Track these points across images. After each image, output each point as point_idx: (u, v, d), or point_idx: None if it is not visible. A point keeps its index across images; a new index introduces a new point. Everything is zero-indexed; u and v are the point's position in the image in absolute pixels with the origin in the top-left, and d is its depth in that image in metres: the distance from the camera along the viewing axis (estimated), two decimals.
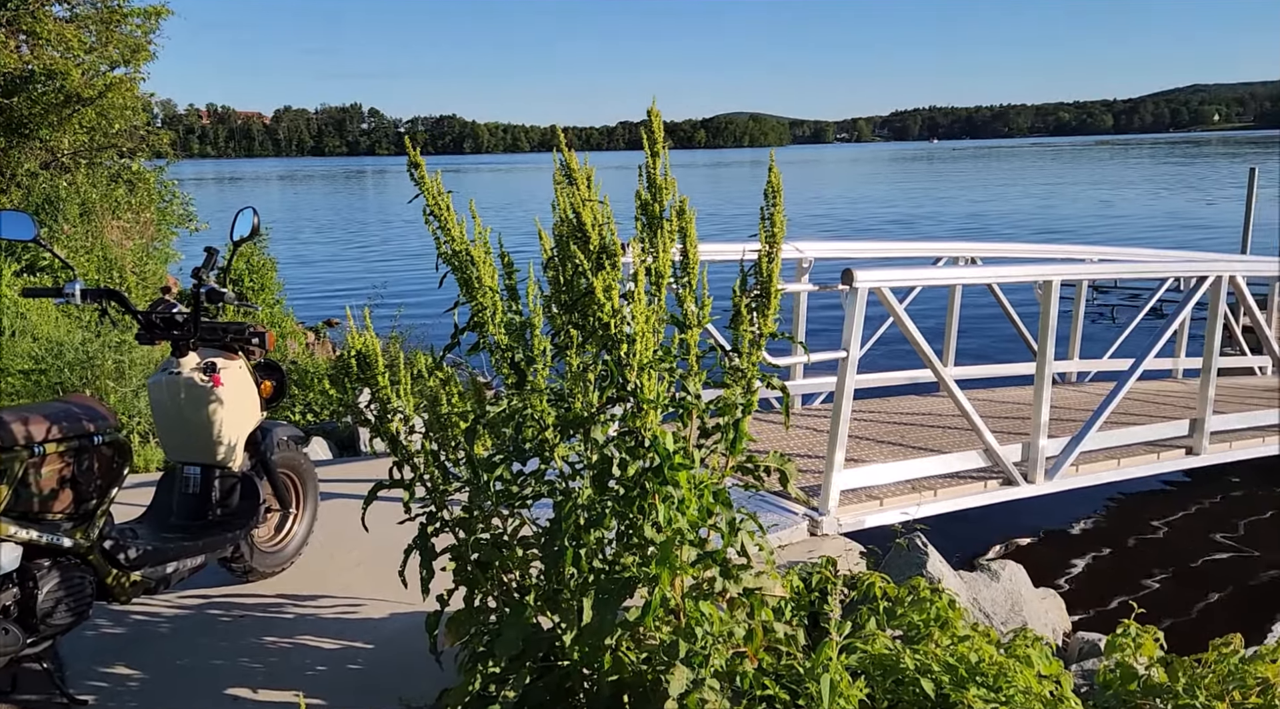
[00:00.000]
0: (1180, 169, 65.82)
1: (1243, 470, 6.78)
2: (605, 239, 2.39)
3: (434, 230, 2.54)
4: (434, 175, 2.51)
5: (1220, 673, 2.89)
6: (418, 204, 2.52)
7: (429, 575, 2.49)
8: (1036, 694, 2.54)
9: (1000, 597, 4.08)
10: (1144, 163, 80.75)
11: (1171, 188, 45.23)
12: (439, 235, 2.54)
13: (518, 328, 2.51)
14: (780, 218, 2.55)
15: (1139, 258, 8.25)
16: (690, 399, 2.44)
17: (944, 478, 5.06)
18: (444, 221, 2.53)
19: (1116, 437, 5.65)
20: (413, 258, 23.65)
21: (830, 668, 2.37)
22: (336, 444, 6.35)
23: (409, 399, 2.58)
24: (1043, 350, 5.16)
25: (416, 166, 2.50)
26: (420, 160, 2.51)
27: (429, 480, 2.59)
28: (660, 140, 2.41)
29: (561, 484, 2.42)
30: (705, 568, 2.33)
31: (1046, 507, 5.84)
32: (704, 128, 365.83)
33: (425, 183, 2.49)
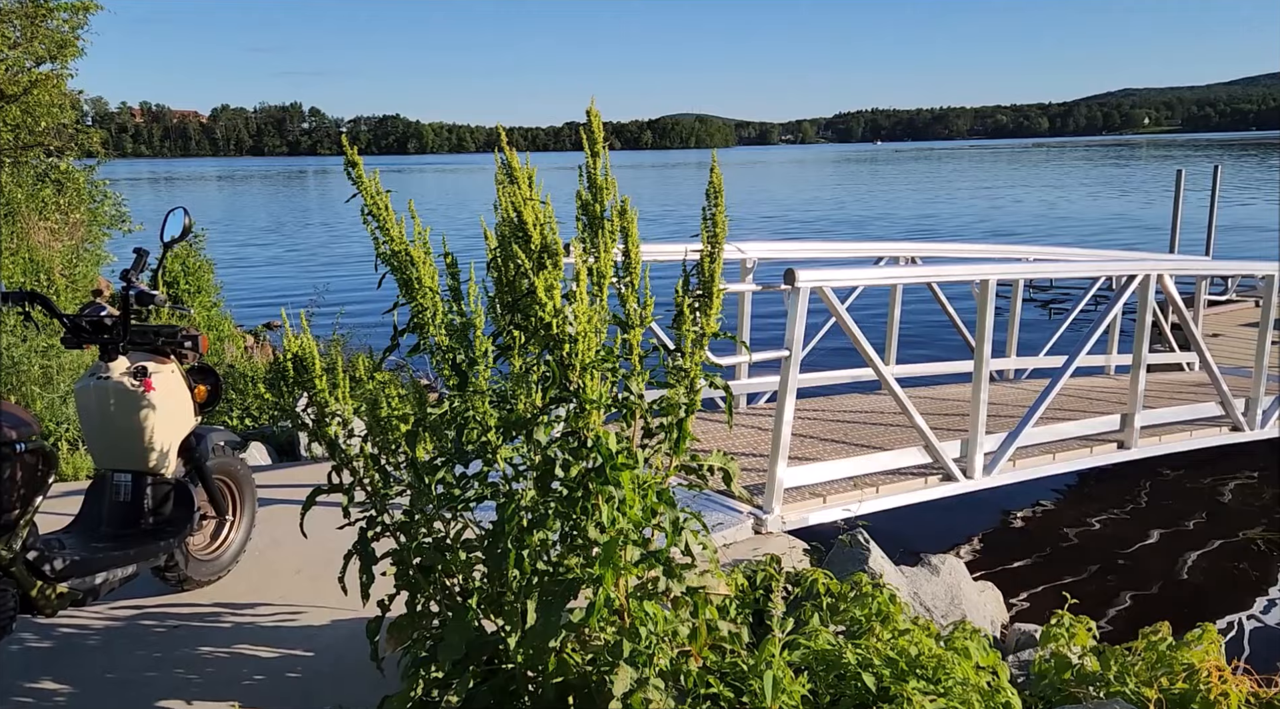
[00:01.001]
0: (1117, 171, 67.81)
1: (1172, 463, 7.01)
2: (547, 238, 2.37)
3: (372, 230, 2.50)
4: (372, 174, 2.47)
5: (1149, 660, 2.98)
6: (360, 206, 2.48)
7: (369, 581, 2.45)
8: (974, 685, 2.59)
9: (940, 590, 4.15)
10: (1082, 165, 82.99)
11: (1113, 189, 46.56)
12: (377, 235, 2.50)
13: (459, 329, 2.49)
14: (722, 218, 2.56)
15: (1072, 257, 8.47)
16: (634, 399, 2.44)
17: (886, 475, 5.14)
18: (382, 221, 2.49)
19: (1051, 432, 5.80)
20: (356, 260, 23.33)
21: (774, 664, 2.38)
22: (276, 449, 6.23)
23: (348, 402, 2.54)
24: (980, 348, 5.26)
25: (354, 165, 2.46)
26: (358, 159, 2.47)
27: (369, 484, 2.55)
28: (600, 140, 2.40)
29: (504, 486, 2.40)
30: (649, 568, 2.33)
31: (985, 501, 5.96)
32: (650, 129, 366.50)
33: (363, 182, 2.46)
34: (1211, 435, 6.39)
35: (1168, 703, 2.80)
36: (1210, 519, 6.58)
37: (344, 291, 15.50)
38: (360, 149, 2.51)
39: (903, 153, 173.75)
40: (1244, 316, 10.93)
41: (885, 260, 7.21)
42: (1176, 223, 12.22)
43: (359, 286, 17.29)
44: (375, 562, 2.47)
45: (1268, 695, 2.83)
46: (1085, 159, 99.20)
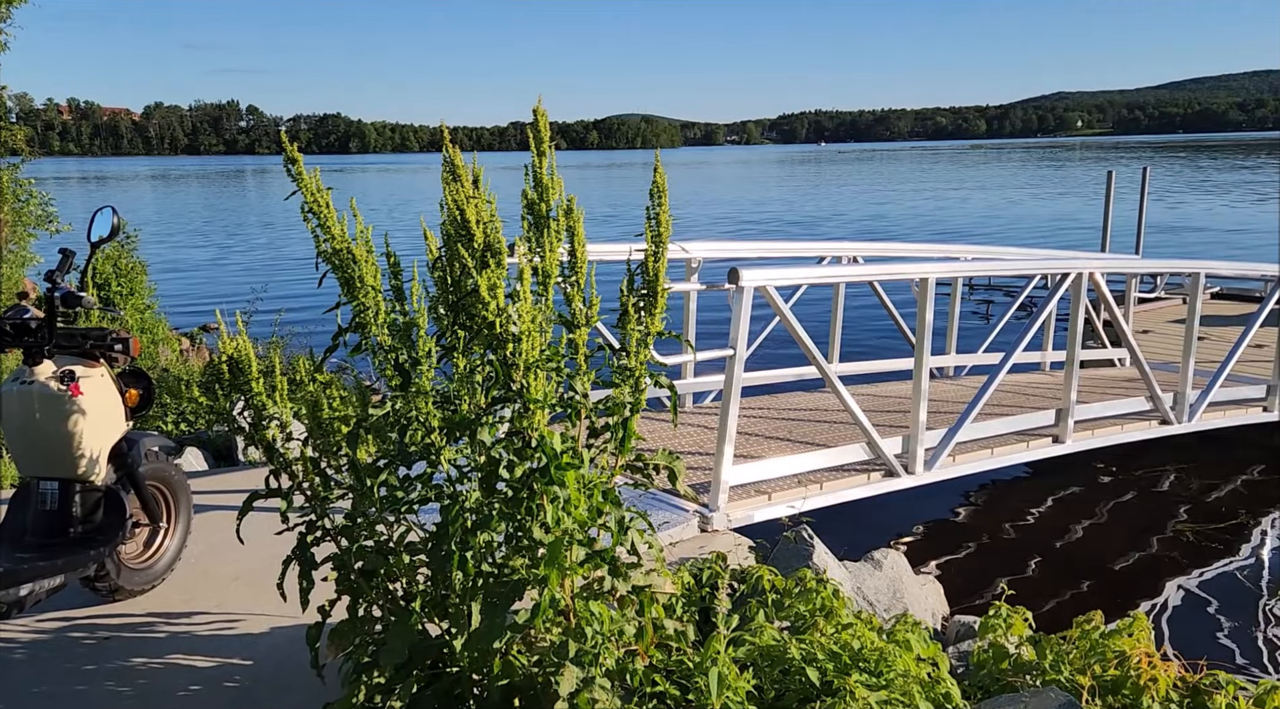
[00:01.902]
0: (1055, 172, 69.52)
1: (1105, 456, 7.22)
2: (490, 237, 2.36)
3: (313, 228, 2.46)
4: (313, 171, 2.43)
5: (1083, 648, 3.06)
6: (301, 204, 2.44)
7: (309, 586, 2.40)
8: (915, 677, 2.63)
9: (883, 585, 4.21)
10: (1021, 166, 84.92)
11: (1053, 190, 47.72)
12: (318, 233, 2.46)
13: (402, 328, 2.46)
14: (666, 217, 2.57)
15: (1008, 256, 8.66)
16: (579, 399, 2.43)
17: (829, 471, 5.21)
18: (323, 219, 2.45)
19: (989, 427, 5.93)
20: (295, 262, 22.93)
21: (719, 661, 2.40)
22: (212, 454, 6.09)
23: (286, 405, 2.49)
24: (920, 346, 5.36)
25: (294, 161, 2.41)
26: (298, 155, 2.42)
27: (308, 488, 2.51)
28: (546, 139, 2.39)
29: (448, 488, 2.37)
30: (595, 567, 2.33)
31: (926, 496, 6.07)
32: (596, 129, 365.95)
33: (303, 179, 2.41)
34: (1142, 429, 6.59)
35: (1100, 689, 2.88)
36: (1141, 510, 6.79)
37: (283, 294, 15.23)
38: (300, 148, 2.46)
39: (846, 154, 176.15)
40: (1172, 313, 11.30)
41: (828, 259, 7.30)
42: (1107, 222, 12.59)
43: (299, 289, 16.99)
44: (315, 567, 2.43)
45: (1194, 679, 2.93)
46: (1023, 160, 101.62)
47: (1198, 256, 16.58)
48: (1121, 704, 2.87)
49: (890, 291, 7.70)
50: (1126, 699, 2.87)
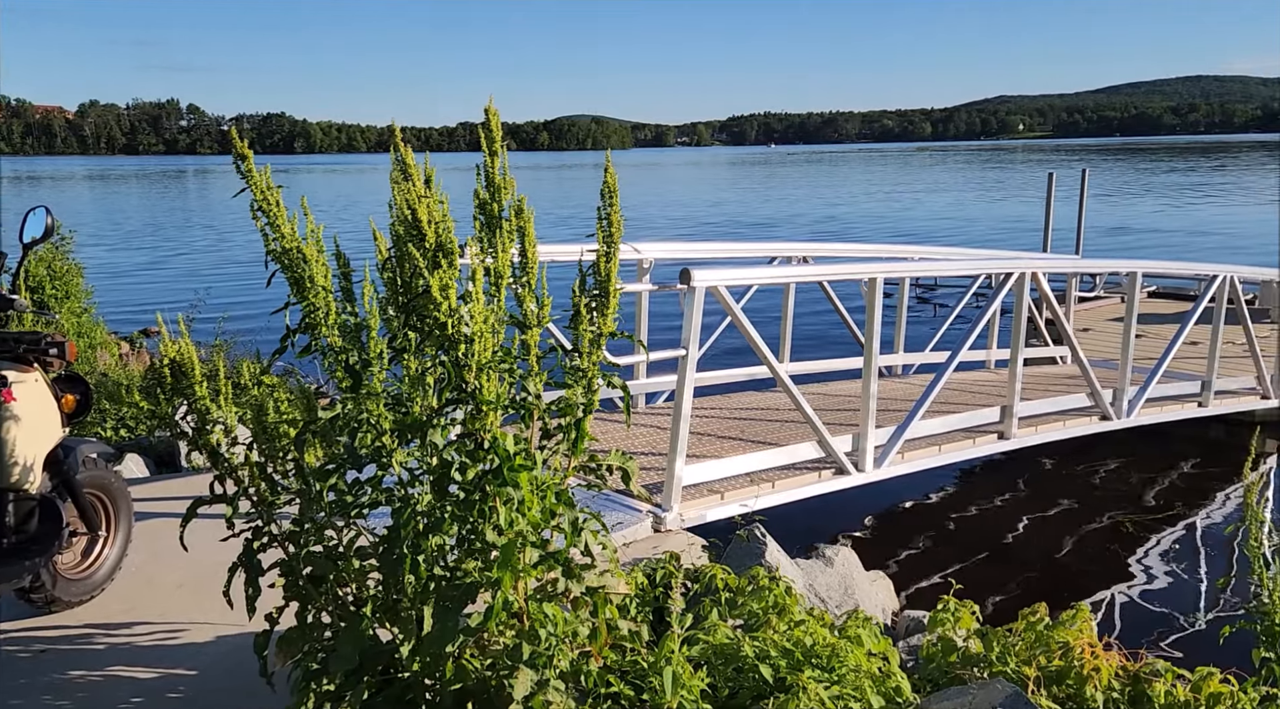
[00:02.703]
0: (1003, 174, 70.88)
1: (1049, 452, 7.38)
2: (442, 237, 2.33)
3: (262, 227, 2.41)
4: (263, 169, 2.38)
5: (1028, 640, 3.13)
6: (244, 209, 2.39)
7: (256, 593, 2.35)
8: (866, 672, 2.67)
9: (834, 581, 4.26)
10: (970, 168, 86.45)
11: (1005, 191, 48.60)
12: (267, 232, 2.41)
13: (352, 329, 2.42)
14: (617, 218, 2.57)
15: (954, 257, 8.82)
16: (531, 400, 2.42)
17: (781, 470, 5.25)
18: (273, 217, 2.40)
19: (937, 425, 6.03)
20: (239, 265, 22.49)
21: (673, 660, 2.40)
22: (154, 461, 5.94)
23: (231, 409, 2.44)
24: (869, 345, 5.43)
25: (244, 159, 2.36)
26: (248, 152, 2.37)
27: (255, 493, 2.46)
28: (499, 139, 2.38)
29: (400, 491, 2.34)
30: (549, 569, 2.32)
31: (877, 493, 6.16)
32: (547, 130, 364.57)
33: (253, 176, 2.36)
34: (1083, 424, 6.75)
35: (1046, 680, 2.95)
36: (1083, 504, 6.96)
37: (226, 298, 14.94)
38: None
39: (796, 155, 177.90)
40: (1111, 312, 11.60)
41: (778, 260, 7.37)
42: (1048, 224, 12.89)
43: (242, 292, 16.67)
44: (262, 573, 2.38)
45: (1134, 668, 3.00)
46: (969, 162, 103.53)
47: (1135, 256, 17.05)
48: (1066, 694, 2.94)
49: (839, 291, 7.80)
50: (1070, 689, 2.94)
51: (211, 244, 29.23)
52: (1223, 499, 7.03)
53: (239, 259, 24.15)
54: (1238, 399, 7.89)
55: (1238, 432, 8.19)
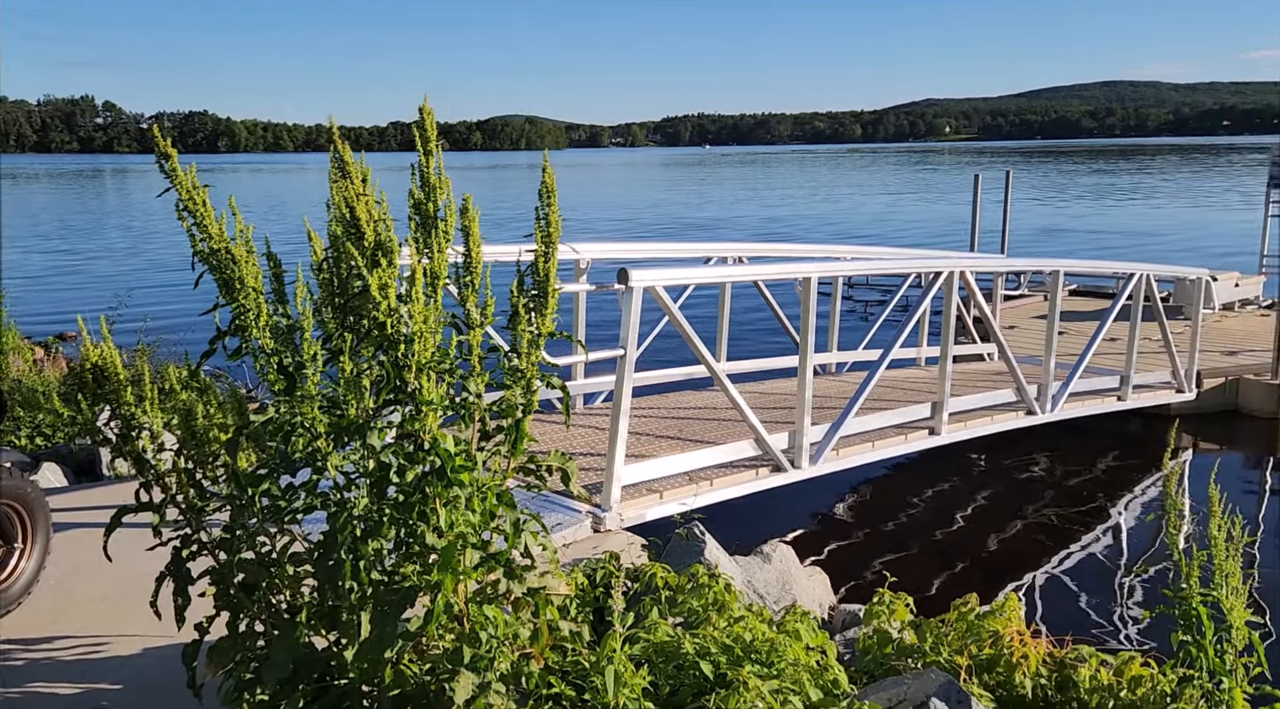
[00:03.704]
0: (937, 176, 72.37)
1: (978, 446, 7.57)
2: (381, 235, 2.30)
3: (189, 227, 2.34)
4: (188, 168, 2.31)
5: (960, 630, 3.21)
6: (165, 208, 2.32)
7: (185, 603, 2.29)
8: (805, 665, 2.70)
9: (772, 577, 4.31)
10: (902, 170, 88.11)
11: (940, 193, 49.57)
12: (194, 232, 2.35)
13: (285, 331, 2.37)
14: (555, 218, 2.56)
15: (885, 256, 9.00)
16: (472, 400, 2.40)
17: (719, 468, 5.29)
18: (199, 217, 2.34)
19: (870, 421, 6.14)
20: (161, 268, 21.82)
21: (615, 659, 2.40)
22: (73, 469, 5.73)
23: (156, 414, 2.37)
24: (804, 344, 5.50)
25: (167, 157, 2.29)
26: (172, 151, 2.31)
27: (183, 501, 2.39)
28: (433, 138, 2.35)
29: (336, 495, 2.30)
30: (489, 571, 2.30)
31: (813, 490, 6.25)
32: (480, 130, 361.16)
33: (177, 176, 2.29)
34: (1010, 419, 6.94)
35: (977, 668, 3.03)
36: (1011, 497, 7.17)
37: (149, 300, 14.49)
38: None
39: (731, 156, 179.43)
40: (1035, 309, 11.95)
41: (714, 260, 7.42)
42: (975, 223, 13.23)
43: (166, 294, 16.19)
44: (192, 582, 2.31)
45: (1060, 654, 3.11)
46: (900, 164, 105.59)
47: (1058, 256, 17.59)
48: (996, 681, 3.02)
49: (774, 290, 7.89)
50: (1001, 676, 3.02)
51: (132, 246, 28.29)
52: (1141, 490, 7.30)
53: (162, 261, 23.44)
54: (1154, 393, 8.20)
55: (1154, 424, 8.52)
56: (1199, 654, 2.70)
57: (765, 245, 8.59)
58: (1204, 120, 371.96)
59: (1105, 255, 21.21)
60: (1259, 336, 10.16)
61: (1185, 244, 24.00)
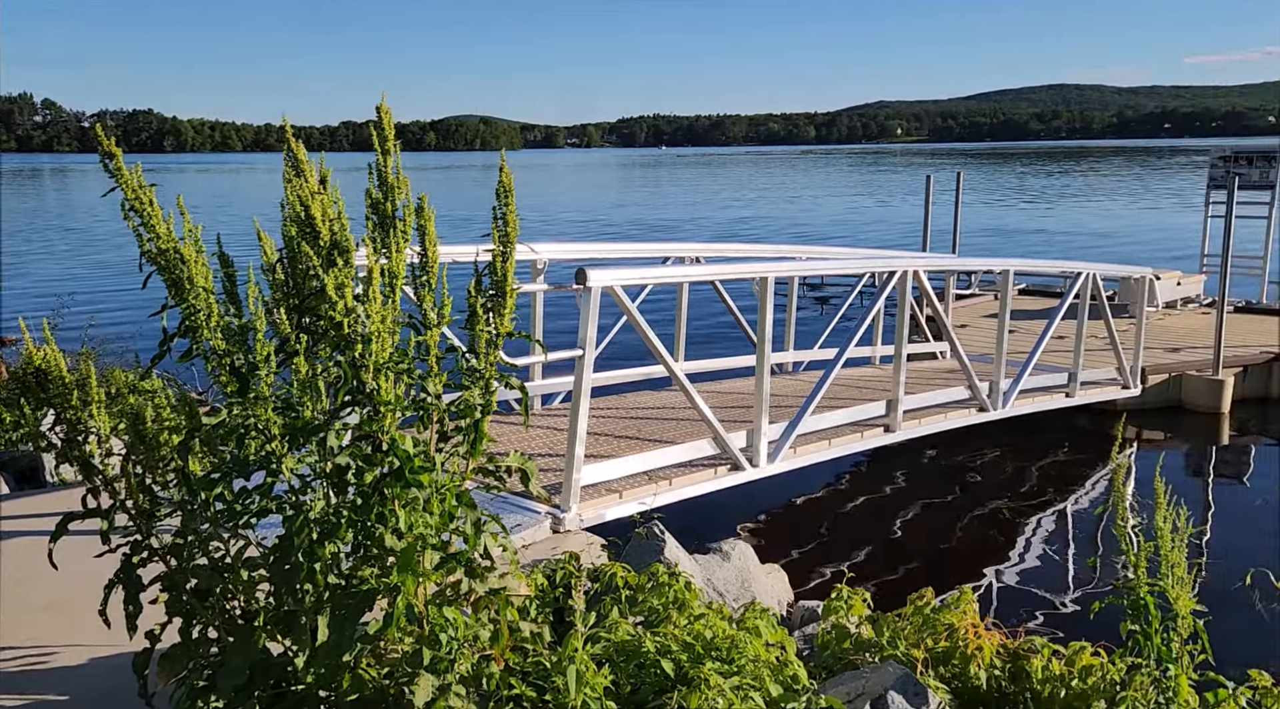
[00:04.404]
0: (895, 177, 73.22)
1: (933, 443, 7.69)
2: (337, 235, 2.27)
3: (135, 227, 2.29)
4: (134, 167, 2.26)
5: (916, 624, 3.25)
6: (110, 209, 2.27)
7: (136, 611, 2.24)
8: (765, 661, 2.72)
9: (731, 575, 4.33)
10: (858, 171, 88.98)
11: (896, 193, 50.11)
12: (141, 232, 2.30)
13: (237, 332, 2.33)
14: (513, 218, 2.55)
15: (840, 256, 9.10)
16: (431, 401, 2.38)
17: (678, 467, 5.30)
18: (146, 217, 2.29)
19: (827, 419, 6.20)
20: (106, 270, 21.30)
21: (576, 659, 2.40)
22: (14, 476, 5.59)
23: (104, 417, 2.31)
24: (761, 343, 5.54)
25: (112, 157, 2.24)
26: (116, 150, 2.25)
27: (132, 506, 2.33)
28: (391, 137, 2.33)
29: (291, 498, 2.26)
30: (449, 572, 2.28)
31: (771, 488, 6.29)
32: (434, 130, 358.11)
33: (123, 175, 2.24)
34: (963, 416, 7.06)
35: (934, 660, 3.08)
36: (964, 493, 7.28)
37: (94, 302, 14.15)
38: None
39: (687, 157, 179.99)
40: (986, 308, 12.17)
41: (672, 260, 7.44)
42: (927, 223, 13.43)
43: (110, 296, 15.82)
44: (143, 589, 2.26)
45: (1014, 646, 3.16)
46: (856, 166, 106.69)
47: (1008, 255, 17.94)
48: (952, 673, 3.07)
49: (731, 290, 7.93)
50: (956, 668, 3.07)
51: (74, 247, 27.58)
52: (1090, 484, 7.47)
53: (103, 261, 22.89)
54: (1101, 389, 8.39)
55: (1101, 420, 8.73)
56: (1147, 643, 2.77)
57: (723, 246, 8.63)
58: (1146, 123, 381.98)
59: (1053, 255, 21.67)
60: (1200, 334, 10.45)
61: (1129, 244, 24.61)
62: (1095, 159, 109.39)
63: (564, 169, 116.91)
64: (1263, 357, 9.52)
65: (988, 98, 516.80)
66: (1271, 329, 10.67)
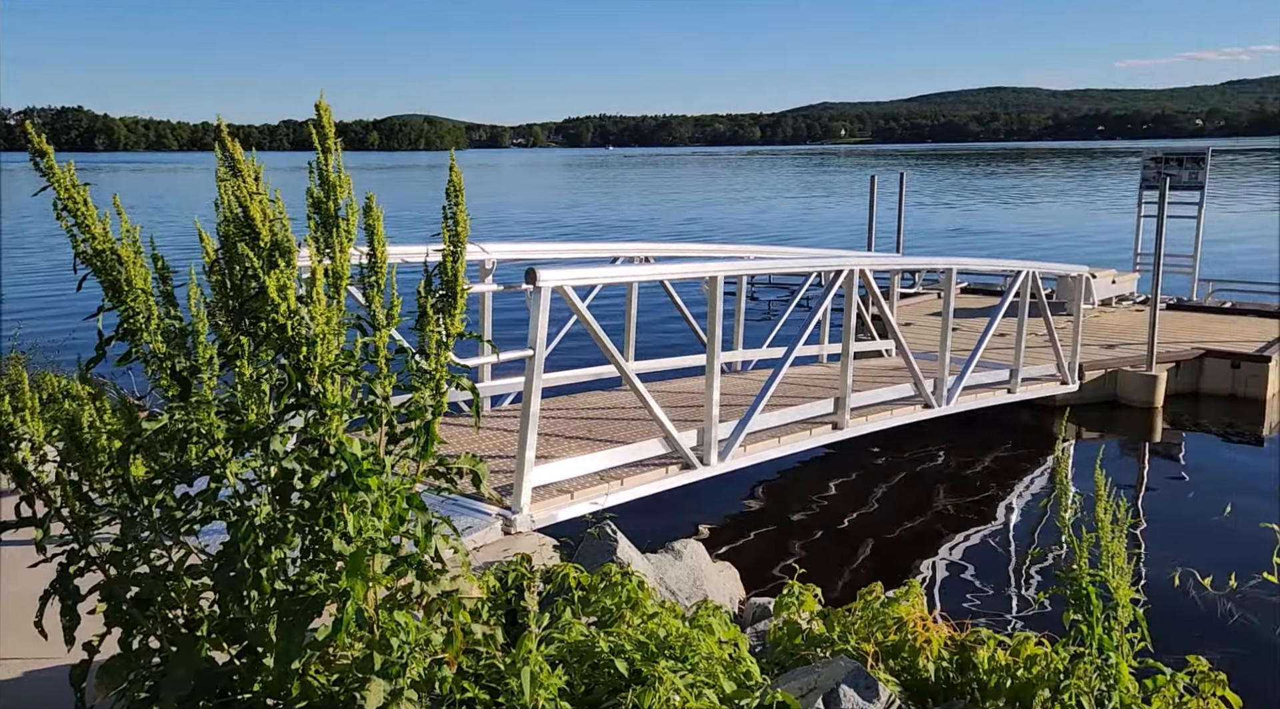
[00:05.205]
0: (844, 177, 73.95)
1: (879, 440, 7.80)
2: (278, 235, 2.22)
3: (69, 227, 2.22)
4: (66, 166, 2.19)
5: (866, 618, 3.30)
6: (40, 209, 2.19)
7: (74, 621, 2.17)
8: (718, 659, 2.74)
9: (684, 574, 4.34)
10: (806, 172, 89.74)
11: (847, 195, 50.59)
12: (75, 233, 2.23)
13: (177, 334, 2.27)
14: (463, 217, 2.52)
15: (788, 255, 9.19)
16: (379, 403, 2.34)
17: (630, 467, 5.31)
18: (80, 217, 2.22)
19: (776, 417, 6.26)
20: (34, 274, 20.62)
21: (531, 660, 2.39)
22: None
23: (37, 423, 2.24)
24: (711, 342, 5.57)
25: (43, 155, 2.17)
26: (47, 148, 2.18)
27: (69, 514, 2.26)
28: (331, 135, 2.29)
29: (236, 503, 2.22)
30: (400, 575, 2.25)
31: (722, 486, 6.32)
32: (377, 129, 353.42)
33: (55, 174, 2.17)
34: (908, 413, 7.17)
35: (884, 654, 3.12)
36: (911, 488, 7.40)
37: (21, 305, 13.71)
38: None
39: (634, 158, 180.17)
40: (930, 307, 12.38)
41: (621, 260, 7.44)
42: (872, 223, 13.63)
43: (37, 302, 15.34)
44: (80, 599, 2.20)
45: (961, 638, 3.22)
46: (801, 166, 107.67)
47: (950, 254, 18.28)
48: (901, 666, 3.12)
49: (682, 292, 7.96)
50: (906, 661, 3.12)
51: None
52: (1030, 479, 7.64)
53: (34, 267, 22.16)
54: (1041, 385, 8.59)
55: (1042, 415, 8.94)
56: (1089, 632, 2.84)
57: (672, 245, 8.65)
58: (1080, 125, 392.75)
59: (994, 254, 22.13)
60: (1135, 330, 10.76)
61: (1067, 243, 25.25)
62: (1033, 160, 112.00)
63: (511, 169, 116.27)
64: (1193, 352, 9.84)
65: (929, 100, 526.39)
66: (1195, 325, 11.08)
